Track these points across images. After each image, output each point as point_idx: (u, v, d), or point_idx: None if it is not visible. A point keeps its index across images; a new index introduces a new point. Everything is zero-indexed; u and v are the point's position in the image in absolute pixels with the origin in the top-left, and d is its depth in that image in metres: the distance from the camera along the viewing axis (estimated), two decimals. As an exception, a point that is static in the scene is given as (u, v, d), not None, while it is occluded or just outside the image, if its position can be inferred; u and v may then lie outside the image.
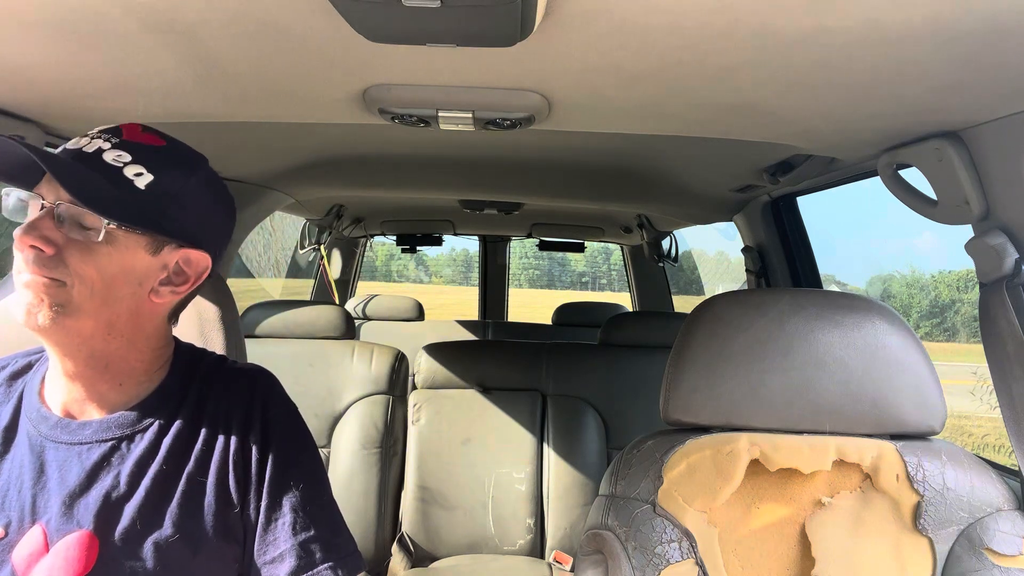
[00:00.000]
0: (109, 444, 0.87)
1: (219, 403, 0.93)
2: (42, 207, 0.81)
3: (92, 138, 0.85)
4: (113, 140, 0.84)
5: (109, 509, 0.84)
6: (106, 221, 0.81)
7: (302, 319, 2.29)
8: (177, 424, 0.90)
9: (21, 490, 0.85)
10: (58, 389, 0.89)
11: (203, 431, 0.91)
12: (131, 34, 0.84)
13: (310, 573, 0.89)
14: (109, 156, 0.83)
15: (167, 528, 0.85)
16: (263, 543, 0.90)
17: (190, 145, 0.94)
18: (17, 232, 0.79)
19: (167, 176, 0.86)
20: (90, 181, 0.80)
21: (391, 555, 2.18)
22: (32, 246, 0.79)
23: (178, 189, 0.87)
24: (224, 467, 0.90)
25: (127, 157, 0.84)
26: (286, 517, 0.90)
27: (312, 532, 0.91)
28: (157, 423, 0.89)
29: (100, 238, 0.81)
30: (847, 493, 1.04)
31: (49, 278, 0.80)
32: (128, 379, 0.90)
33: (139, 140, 0.86)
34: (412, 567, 2.17)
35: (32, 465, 0.86)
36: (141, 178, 0.83)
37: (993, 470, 1.04)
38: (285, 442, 0.94)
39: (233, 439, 0.91)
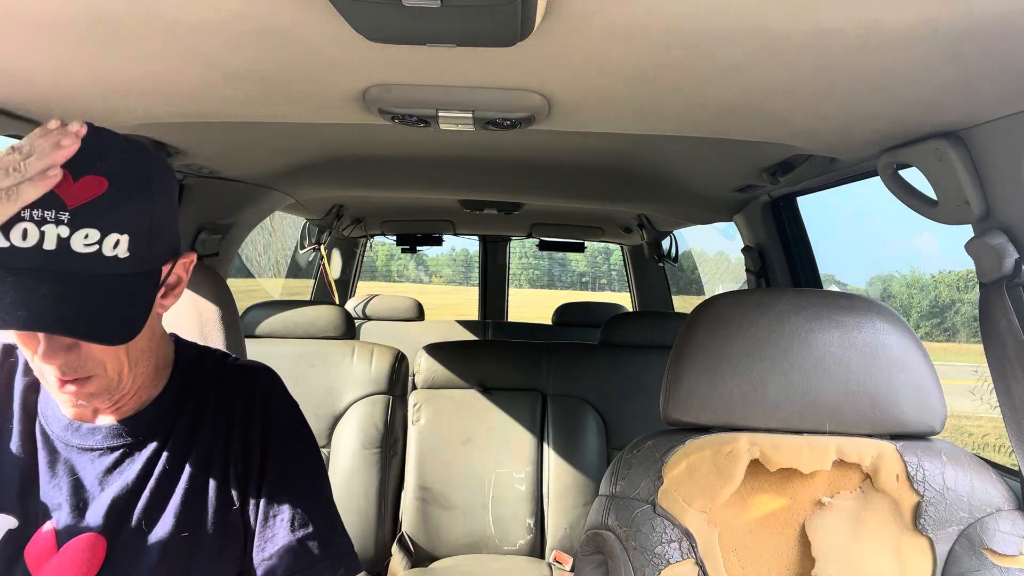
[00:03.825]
0: (120, 451, 0.87)
1: (222, 400, 0.94)
2: None
3: (36, 223, 0.71)
4: (63, 216, 0.72)
5: (117, 512, 0.85)
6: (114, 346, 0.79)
7: (302, 319, 2.29)
8: (181, 423, 0.91)
9: (34, 484, 0.86)
10: None
11: (206, 428, 0.91)
12: (131, 34, 0.84)
13: (307, 570, 0.89)
14: (77, 243, 0.72)
15: (171, 527, 0.86)
16: (262, 539, 0.90)
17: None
18: (40, 359, 0.76)
19: (137, 221, 0.76)
20: (91, 317, 0.72)
21: (391, 555, 2.19)
22: (59, 364, 0.77)
23: (150, 224, 0.78)
24: (225, 465, 0.90)
25: (95, 233, 0.73)
26: (285, 514, 0.90)
27: (310, 529, 0.91)
28: (163, 424, 0.90)
29: None
30: (847, 493, 1.04)
31: (83, 377, 0.79)
32: (141, 388, 0.90)
33: (85, 198, 0.73)
34: (412, 567, 2.17)
35: (44, 462, 0.87)
36: (120, 246, 0.74)
37: (993, 470, 1.04)
38: (286, 439, 0.94)
39: (234, 435, 0.92)
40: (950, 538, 0.99)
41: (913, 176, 1.20)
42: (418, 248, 4.17)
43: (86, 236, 0.72)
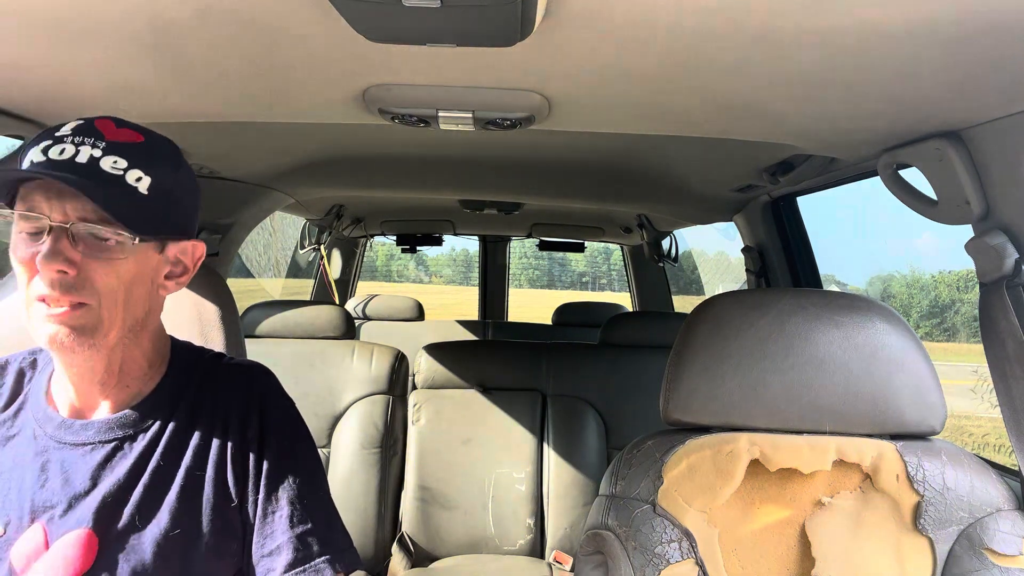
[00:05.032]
0: (112, 445, 0.87)
1: (217, 399, 0.94)
2: (50, 229, 0.77)
3: (75, 145, 0.80)
4: (99, 144, 0.81)
5: (109, 507, 0.84)
6: (134, 238, 0.80)
7: (302, 319, 2.29)
8: (176, 420, 0.91)
9: (22, 489, 0.85)
10: (65, 390, 0.89)
11: (201, 426, 0.91)
12: (131, 34, 0.84)
13: (307, 566, 0.89)
14: (106, 164, 0.80)
15: (166, 524, 0.85)
16: (260, 536, 0.90)
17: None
18: (39, 260, 0.76)
19: (160, 175, 0.84)
20: (112, 198, 0.78)
21: (391, 555, 2.18)
22: (58, 270, 0.77)
23: (171, 186, 0.86)
24: (222, 462, 0.90)
25: (123, 162, 0.81)
26: (283, 510, 0.90)
27: (309, 525, 0.91)
28: (157, 420, 0.90)
29: (125, 254, 0.81)
30: (847, 493, 1.04)
31: (76, 303, 0.79)
32: (133, 378, 0.91)
33: (122, 139, 0.83)
34: (412, 567, 2.17)
35: (34, 464, 0.86)
36: (141, 182, 0.81)
37: (993, 470, 1.04)
38: (282, 437, 0.94)
39: (231, 434, 0.92)
40: (950, 538, 0.99)
41: (913, 176, 1.20)
42: (418, 248, 4.16)
43: (115, 162, 0.80)
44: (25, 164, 0.80)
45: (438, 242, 4.09)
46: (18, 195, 0.80)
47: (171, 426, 0.90)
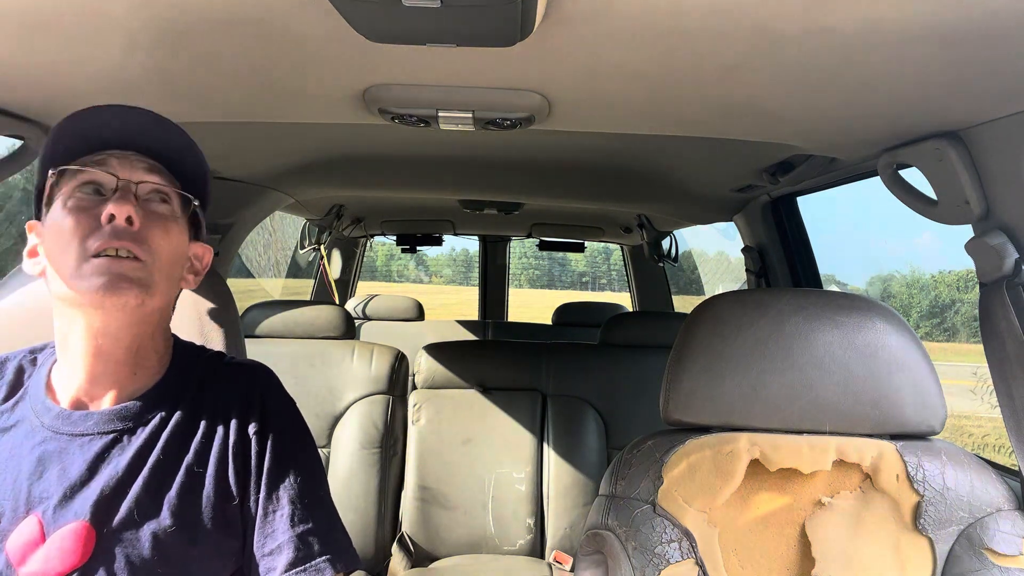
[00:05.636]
0: (111, 436, 0.87)
1: (218, 396, 0.94)
2: (116, 187, 0.85)
3: None
4: None
5: (107, 500, 0.84)
6: (196, 201, 0.89)
7: (302, 319, 2.29)
8: (177, 416, 0.91)
9: (18, 479, 0.85)
10: (70, 378, 0.89)
11: (202, 423, 0.91)
12: (131, 34, 0.85)
13: (307, 565, 0.89)
14: None
15: (165, 519, 0.85)
16: (261, 535, 0.90)
17: None
18: (112, 206, 0.82)
19: (190, 165, 0.93)
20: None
21: (391, 555, 2.19)
22: (127, 218, 0.82)
23: (204, 172, 0.95)
24: (223, 459, 0.90)
25: None
26: (284, 509, 0.90)
27: (310, 524, 0.91)
28: (158, 415, 0.90)
29: (176, 220, 0.89)
30: (847, 493, 1.04)
31: (132, 256, 0.83)
32: (142, 368, 0.91)
33: None
34: (412, 567, 2.17)
35: (31, 455, 0.86)
36: None
37: (993, 470, 1.04)
38: (283, 435, 0.95)
39: (232, 432, 0.92)
40: (950, 538, 0.99)
41: (913, 176, 1.20)
42: (418, 248, 4.16)
43: None
44: None
45: (438, 242, 4.09)
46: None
47: (172, 422, 0.90)
